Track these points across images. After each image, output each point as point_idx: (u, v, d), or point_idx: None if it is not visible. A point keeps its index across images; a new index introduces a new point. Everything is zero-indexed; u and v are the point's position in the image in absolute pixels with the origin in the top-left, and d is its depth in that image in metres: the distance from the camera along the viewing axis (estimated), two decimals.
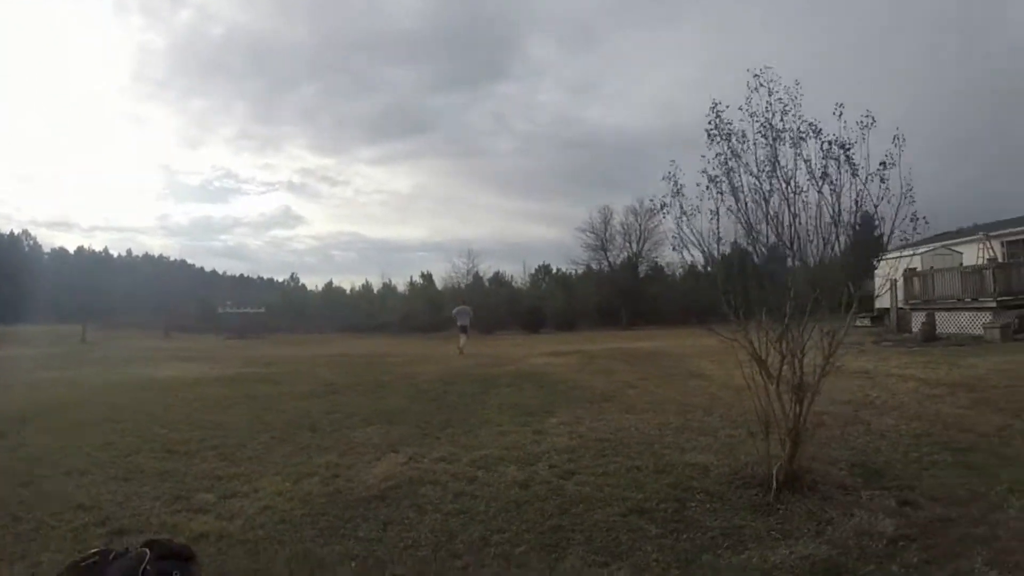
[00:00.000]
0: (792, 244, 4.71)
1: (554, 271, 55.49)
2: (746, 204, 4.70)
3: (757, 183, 4.65)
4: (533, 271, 56.29)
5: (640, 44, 78.42)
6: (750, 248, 4.92)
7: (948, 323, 18.48)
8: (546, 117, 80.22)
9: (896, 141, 4.55)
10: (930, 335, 17.95)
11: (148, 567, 3.07)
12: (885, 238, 4.63)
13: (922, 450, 5.75)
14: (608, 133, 72.73)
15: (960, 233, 26.77)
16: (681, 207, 4.72)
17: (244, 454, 6.33)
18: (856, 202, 4.54)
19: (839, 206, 4.57)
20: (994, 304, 17.09)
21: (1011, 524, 3.84)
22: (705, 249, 4.81)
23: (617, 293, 46.05)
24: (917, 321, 19.45)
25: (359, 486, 5.14)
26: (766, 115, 4.56)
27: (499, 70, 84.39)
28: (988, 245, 21.97)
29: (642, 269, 49.91)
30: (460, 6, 79.71)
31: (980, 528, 3.81)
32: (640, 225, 47.05)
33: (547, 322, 45.99)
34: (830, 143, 4.52)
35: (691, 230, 4.76)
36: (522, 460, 5.81)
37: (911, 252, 20.35)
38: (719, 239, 4.77)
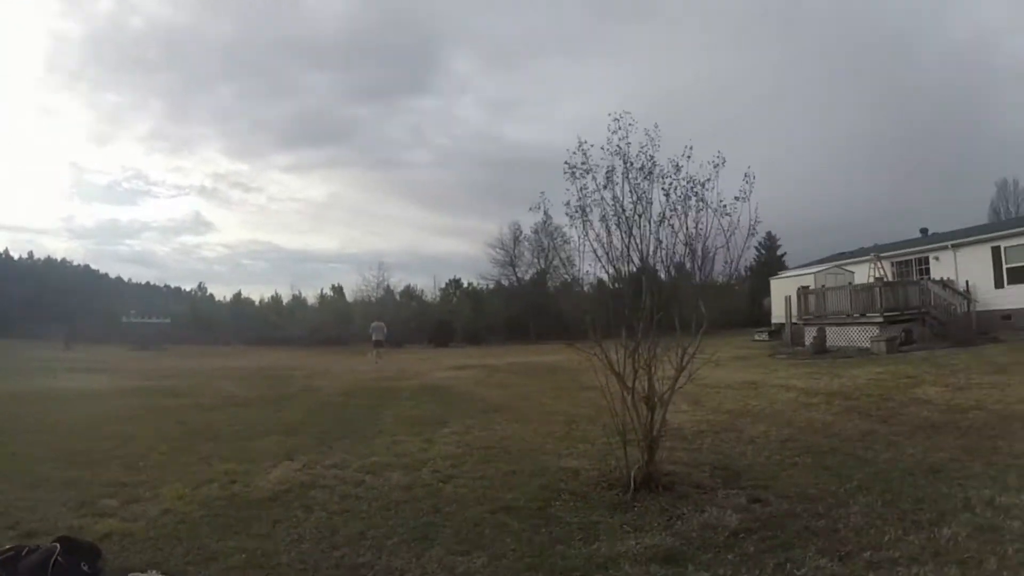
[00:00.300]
0: (647, 269, 5.17)
1: (465, 285, 55.82)
2: (608, 232, 5.13)
3: (618, 214, 5.09)
4: (444, 285, 56.51)
5: (562, 67, 79.87)
6: (611, 272, 5.36)
7: (839, 337, 19.40)
8: (465, 132, 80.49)
9: (747, 178, 5.06)
10: (821, 348, 18.92)
11: (59, 559, 3.40)
12: (733, 265, 5.17)
13: (785, 453, 6.13)
14: (525, 151, 73.04)
15: (855, 253, 28.67)
16: (551, 235, 5.16)
17: (147, 463, 6.45)
18: (695, 234, 5.06)
19: (693, 233, 5.07)
20: (881, 319, 18.12)
21: (851, 519, 4.10)
22: (569, 272, 5.26)
23: (526, 308, 46.52)
24: (809, 335, 20.32)
25: (255, 490, 5.38)
26: (620, 154, 5.01)
27: (419, 83, 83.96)
28: (879, 265, 23.18)
29: (551, 284, 50.09)
30: (382, 16, 79.16)
31: (821, 522, 4.09)
32: (547, 242, 47.61)
33: (457, 336, 46.30)
34: (680, 180, 5.01)
35: (557, 255, 5.18)
36: (409, 466, 6.15)
37: (798, 272, 21.79)
38: (577, 264, 5.21)
